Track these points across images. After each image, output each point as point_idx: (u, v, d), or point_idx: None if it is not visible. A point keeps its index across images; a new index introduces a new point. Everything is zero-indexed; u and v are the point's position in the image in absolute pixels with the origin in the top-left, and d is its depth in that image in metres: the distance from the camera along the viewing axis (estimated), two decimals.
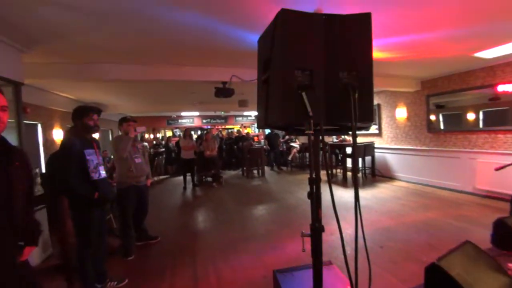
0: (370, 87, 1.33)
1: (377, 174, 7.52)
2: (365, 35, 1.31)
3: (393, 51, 3.88)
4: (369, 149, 7.36)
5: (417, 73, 5.74)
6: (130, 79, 4.27)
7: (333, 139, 8.45)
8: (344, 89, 1.25)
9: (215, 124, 15.07)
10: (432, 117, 6.17)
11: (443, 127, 6.03)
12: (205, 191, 7.10)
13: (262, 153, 9.08)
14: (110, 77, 4.12)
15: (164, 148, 10.66)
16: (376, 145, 7.64)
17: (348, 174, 7.37)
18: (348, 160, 7.56)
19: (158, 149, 10.79)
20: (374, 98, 1.65)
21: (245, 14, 2.57)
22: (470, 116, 5.43)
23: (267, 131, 11.00)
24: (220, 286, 2.62)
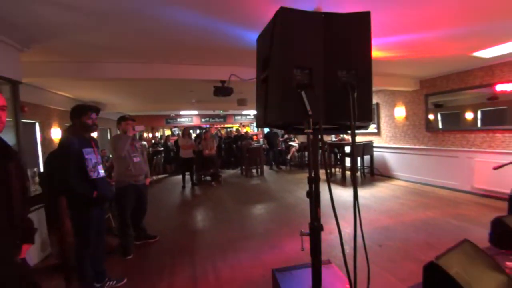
0: (369, 86, 1.33)
1: (376, 173, 7.55)
2: (364, 34, 1.31)
3: (392, 50, 3.88)
4: (368, 148, 7.37)
5: (416, 72, 5.75)
6: (129, 78, 4.26)
7: (332, 138, 8.46)
8: (343, 88, 1.25)
9: (214, 123, 15.06)
10: (431, 117, 6.19)
11: (442, 127, 6.04)
12: (204, 190, 7.10)
13: (261, 152, 9.07)
14: (109, 76, 4.12)
15: (163, 147, 10.64)
16: (375, 144, 7.66)
17: (347, 173, 7.39)
18: (347, 159, 7.57)
19: (157, 148, 10.77)
20: (373, 97, 1.66)
21: (245, 13, 2.57)
22: (469, 116, 5.45)
23: (266, 130, 10.99)
24: (219, 285, 2.62)
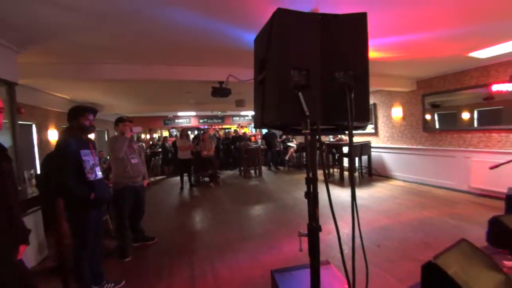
0: (366, 87, 1.34)
1: (374, 174, 7.57)
2: (361, 35, 1.32)
3: (389, 51, 3.90)
4: (366, 149, 7.39)
5: (413, 73, 5.78)
6: (128, 78, 4.26)
7: (330, 139, 8.48)
8: (340, 89, 1.26)
9: (212, 124, 15.04)
10: (428, 117, 6.22)
11: (439, 127, 6.08)
12: (202, 191, 7.08)
13: (259, 153, 9.07)
14: (108, 77, 4.12)
15: (161, 149, 10.61)
16: (373, 145, 7.68)
17: (345, 174, 7.40)
18: (345, 160, 7.59)
19: (155, 150, 10.73)
20: (370, 98, 1.66)
21: (244, 14, 2.57)
22: (465, 116, 5.48)
23: (264, 131, 11.00)
24: (218, 287, 2.62)
